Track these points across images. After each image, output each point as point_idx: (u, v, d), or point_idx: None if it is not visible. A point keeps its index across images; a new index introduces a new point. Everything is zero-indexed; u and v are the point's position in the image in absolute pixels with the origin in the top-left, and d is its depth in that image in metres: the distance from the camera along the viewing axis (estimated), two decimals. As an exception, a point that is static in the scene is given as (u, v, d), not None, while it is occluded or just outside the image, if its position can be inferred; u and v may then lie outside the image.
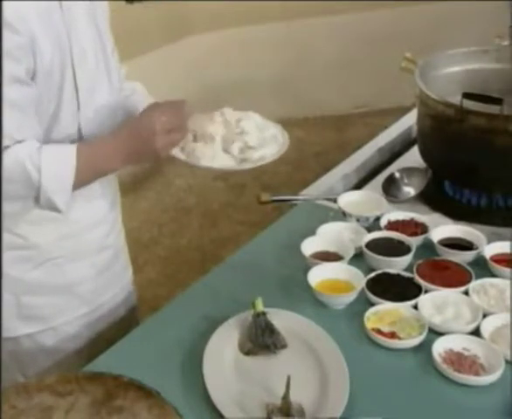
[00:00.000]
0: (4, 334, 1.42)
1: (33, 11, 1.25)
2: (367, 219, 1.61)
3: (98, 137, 1.38)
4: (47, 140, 1.32)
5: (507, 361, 1.21)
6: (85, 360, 1.31)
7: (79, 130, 1.36)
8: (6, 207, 1.31)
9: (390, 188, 1.82)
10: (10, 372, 1.44)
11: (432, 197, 1.79)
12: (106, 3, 1.46)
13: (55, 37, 1.29)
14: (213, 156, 1.43)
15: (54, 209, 1.31)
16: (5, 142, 1.25)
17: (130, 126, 1.36)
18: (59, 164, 1.29)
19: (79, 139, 1.36)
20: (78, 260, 1.46)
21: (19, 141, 1.26)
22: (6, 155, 1.25)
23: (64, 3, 1.32)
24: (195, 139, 1.45)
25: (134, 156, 1.35)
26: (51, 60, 1.29)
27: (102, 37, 1.41)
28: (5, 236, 1.37)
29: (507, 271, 1.43)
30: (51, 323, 1.46)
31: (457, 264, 1.46)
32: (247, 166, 1.44)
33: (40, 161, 1.26)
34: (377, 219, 1.60)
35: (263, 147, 1.46)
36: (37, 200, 1.30)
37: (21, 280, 1.41)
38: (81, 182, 1.32)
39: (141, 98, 1.55)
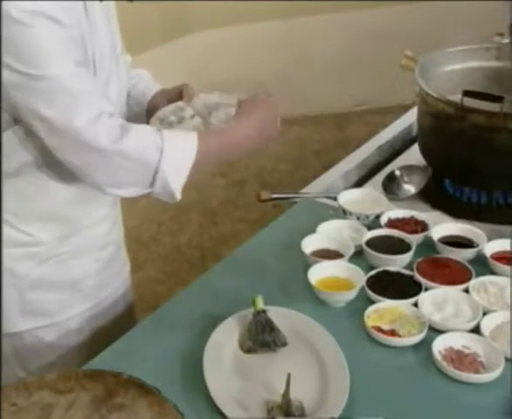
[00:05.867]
0: (7, 330, 1.42)
1: (62, 12, 1.22)
2: (367, 217, 1.61)
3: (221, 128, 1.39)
4: None
5: (507, 359, 1.21)
6: (86, 355, 1.31)
7: None
8: (122, 192, 1.29)
9: (391, 186, 1.82)
10: (12, 367, 1.44)
11: (433, 195, 1.79)
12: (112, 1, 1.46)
13: (81, 38, 1.27)
14: None
15: (169, 194, 1.28)
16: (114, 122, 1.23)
17: (256, 111, 1.41)
18: (182, 149, 1.27)
19: None
20: (82, 256, 1.46)
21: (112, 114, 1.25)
22: (130, 132, 1.22)
23: (88, 3, 1.30)
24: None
25: (261, 140, 1.40)
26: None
27: (114, 36, 1.41)
28: (12, 233, 1.37)
29: (507, 268, 1.43)
30: (54, 318, 1.46)
31: (457, 262, 1.46)
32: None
33: (163, 142, 1.24)
34: (378, 217, 1.60)
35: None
36: (152, 184, 1.26)
37: (26, 277, 1.41)
38: (196, 169, 1.29)
39: (148, 85, 1.57)
